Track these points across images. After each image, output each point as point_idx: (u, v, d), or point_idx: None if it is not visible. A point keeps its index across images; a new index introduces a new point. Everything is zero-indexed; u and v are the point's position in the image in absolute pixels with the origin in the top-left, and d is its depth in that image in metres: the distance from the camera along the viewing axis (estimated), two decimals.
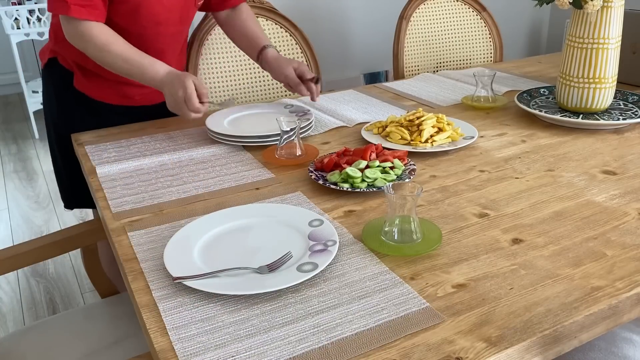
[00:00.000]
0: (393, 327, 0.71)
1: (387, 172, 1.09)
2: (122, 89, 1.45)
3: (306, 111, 1.44)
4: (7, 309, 2.18)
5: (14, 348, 1.18)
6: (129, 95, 1.47)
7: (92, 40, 1.26)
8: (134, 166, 1.21)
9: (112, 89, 1.44)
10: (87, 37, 1.26)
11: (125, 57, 1.27)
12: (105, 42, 1.26)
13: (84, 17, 1.24)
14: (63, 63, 1.43)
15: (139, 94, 1.47)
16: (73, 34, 1.28)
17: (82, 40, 1.27)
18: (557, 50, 3.34)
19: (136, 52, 1.28)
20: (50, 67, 1.45)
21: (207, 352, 0.68)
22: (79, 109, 1.46)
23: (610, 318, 0.76)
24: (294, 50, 1.87)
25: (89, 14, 1.24)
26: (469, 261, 0.85)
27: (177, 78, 1.24)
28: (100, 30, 1.27)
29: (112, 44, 1.27)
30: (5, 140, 4.02)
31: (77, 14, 1.23)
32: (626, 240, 0.89)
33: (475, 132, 1.32)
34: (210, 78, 1.78)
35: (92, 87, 1.43)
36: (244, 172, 1.18)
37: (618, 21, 1.32)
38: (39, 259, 1.25)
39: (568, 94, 1.41)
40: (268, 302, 0.77)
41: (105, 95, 1.45)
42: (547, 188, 1.07)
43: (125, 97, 1.47)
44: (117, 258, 0.91)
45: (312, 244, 0.88)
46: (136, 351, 1.09)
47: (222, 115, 1.43)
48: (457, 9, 2.16)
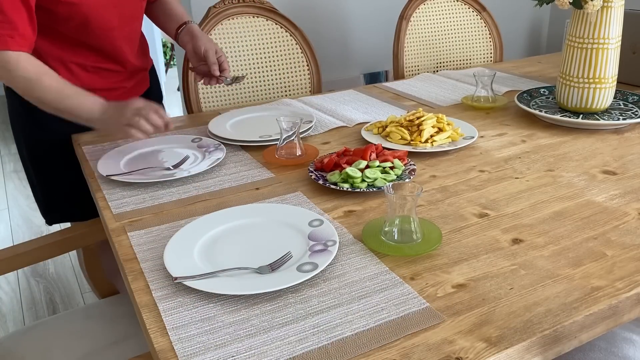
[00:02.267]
0: (393, 327, 0.71)
1: (387, 172, 1.09)
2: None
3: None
4: (7, 309, 2.18)
5: (14, 348, 1.18)
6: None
7: (19, 72, 1.14)
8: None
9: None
10: (13, 68, 1.14)
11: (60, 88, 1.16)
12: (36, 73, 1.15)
13: (8, 47, 1.12)
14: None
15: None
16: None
17: (7, 71, 1.14)
18: (557, 50, 3.33)
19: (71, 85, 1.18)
20: None
21: (207, 352, 0.68)
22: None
23: (610, 318, 0.76)
24: (294, 50, 1.87)
25: (15, 43, 1.13)
26: (469, 261, 0.85)
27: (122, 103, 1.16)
28: (29, 62, 1.15)
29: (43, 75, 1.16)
30: (5, 140, 4.02)
31: (3, 45, 1.12)
32: (626, 240, 0.89)
33: (475, 132, 1.32)
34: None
35: None
36: (244, 172, 1.18)
37: (618, 21, 1.32)
38: (39, 259, 1.25)
39: (568, 94, 1.41)
40: (268, 302, 0.77)
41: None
42: (547, 188, 1.07)
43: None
44: (117, 258, 0.91)
45: (312, 244, 0.88)
46: (136, 351, 1.09)
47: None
48: (457, 9, 2.16)
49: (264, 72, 1.83)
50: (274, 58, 1.85)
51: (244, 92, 1.82)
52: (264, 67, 1.84)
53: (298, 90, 1.89)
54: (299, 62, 1.88)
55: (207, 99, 1.77)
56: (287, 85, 1.87)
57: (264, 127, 1.38)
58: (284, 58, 1.86)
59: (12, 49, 1.13)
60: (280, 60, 1.86)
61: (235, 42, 1.79)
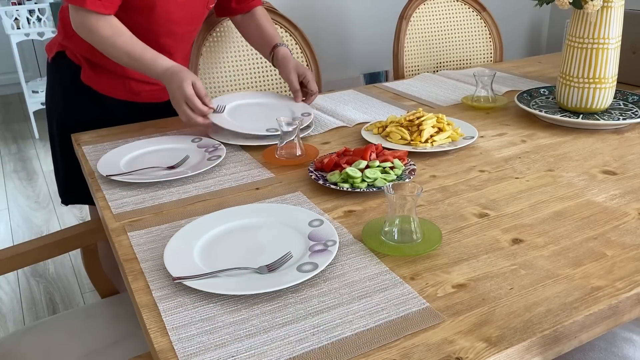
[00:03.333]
0: (393, 327, 0.71)
1: (387, 172, 1.09)
2: (130, 85, 1.46)
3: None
4: (7, 309, 2.18)
5: (14, 348, 1.18)
6: (136, 91, 1.48)
7: (99, 31, 1.27)
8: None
9: (119, 83, 1.45)
10: (94, 29, 1.27)
11: (129, 50, 1.28)
12: (111, 34, 1.27)
13: (94, 8, 1.25)
14: (71, 57, 1.44)
15: (145, 91, 1.49)
16: (79, 24, 1.29)
17: (89, 31, 1.28)
18: (557, 50, 3.34)
19: (140, 46, 1.29)
20: (58, 60, 1.46)
21: (207, 352, 0.68)
22: (85, 102, 1.47)
23: (610, 318, 0.76)
24: (294, 50, 1.87)
25: (101, 6, 1.25)
26: (469, 261, 0.85)
27: (176, 77, 1.25)
28: (107, 23, 1.28)
29: (118, 37, 1.28)
30: (5, 140, 4.02)
31: (92, 6, 1.24)
32: (626, 240, 0.89)
33: (475, 132, 1.32)
34: (209, 78, 1.78)
35: (99, 81, 1.44)
36: (244, 172, 1.18)
37: (618, 21, 1.32)
38: (39, 259, 1.25)
39: (568, 94, 1.41)
40: (268, 302, 0.77)
41: (112, 90, 1.46)
42: (547, 188, 1.07)
43: (131, 93, 1.48)
44: (117, 258, 0.91)
45: (312, 244, 0.88)
46: (136, 351, 1.09)
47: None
48: (457, 9, 2.16)
49: (264, 72, 1.83)
50: None
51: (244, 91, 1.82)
52: (264, 67, 1.84)
53: None
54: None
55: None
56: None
57: (265, 119, 1.38)
58: None
59: (100, 11, 1.26)
60: None
61: (236, 42, 1.79)
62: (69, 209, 2.93)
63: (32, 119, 3.94)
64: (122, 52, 1.28)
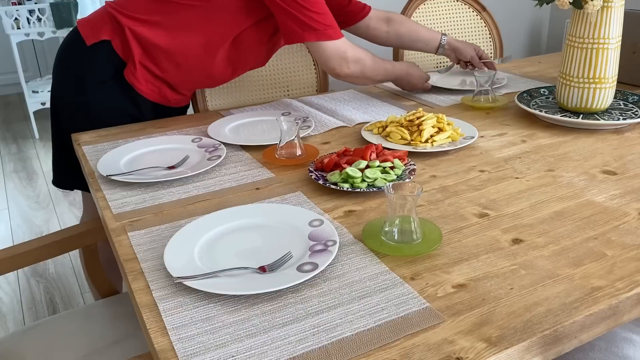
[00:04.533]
0: (393, 327, 0.71)
1: (387, 172, 1.09)
2: (164, 91, 1.49)
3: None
4: (7, 309, 2.18)
5: (14, 348, 1.18)
6: (167, 97, 1.51)
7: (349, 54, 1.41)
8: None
9: (156, 88, 1.47)
10: (349, 55, 1.41)
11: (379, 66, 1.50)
12: (361, 55, 1.44)
13: (337, 37, 1.37)
14: (118, 50, 1.43)
15: (174, 98, 1.53)
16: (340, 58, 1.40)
17: (356, 62, 1.42)
18: (557, 50, 3.34)
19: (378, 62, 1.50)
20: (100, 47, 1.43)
21: (207, 352, 0.68)
22: (117, 94, 1.47)
23: (610, 318, 0.76)
24: (294, 50, 1.87)
25: (338, 31, 1.37)
26: (469, 261, 0.85)
27: (407, 70, 1.61)
28: (350, 46, 1.42)
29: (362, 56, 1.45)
30: (5, 140, 4.02)
31: (339, 34, 1.36)
32: (626, 240, 0.89)
33: (475, 132, 1.32)
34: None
35: (139, 80, 1.44)
36: (244, 172, 1.18)
37: (618, 21, 1.32)
38: (39, 259, 1.25)
39: (568, 94, 1.41)
40: (268, 302, 0.77)
41: (147, 91, 1.47)
42: (547, 188, 1.07)
43: (162, 98, 1.50)
44: (117, 258, 0.91)
45: (312, 244, 0.88)
46: (136, 351, 1.10)
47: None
48: (457, 9, 2.16)
49: (270, 71, 1.84)
50: (280, 57, 1.86)
51: (249, 91, 1.82)
52: (270, 66, 1.84)
53: (304, 89, 1.90)
54: (304, 61, 1.89)
55: (213, 97, 1.77)
56: (294, 84, 1.88)
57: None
58: (290, 57, 1.87)
59: (339, 37, 1.39)
60: (286, 58, 1.87)
61: None
62: (69, 209, 2.93)
63: (32, 119, 3.94)
64: (379, 71, 1.50)
